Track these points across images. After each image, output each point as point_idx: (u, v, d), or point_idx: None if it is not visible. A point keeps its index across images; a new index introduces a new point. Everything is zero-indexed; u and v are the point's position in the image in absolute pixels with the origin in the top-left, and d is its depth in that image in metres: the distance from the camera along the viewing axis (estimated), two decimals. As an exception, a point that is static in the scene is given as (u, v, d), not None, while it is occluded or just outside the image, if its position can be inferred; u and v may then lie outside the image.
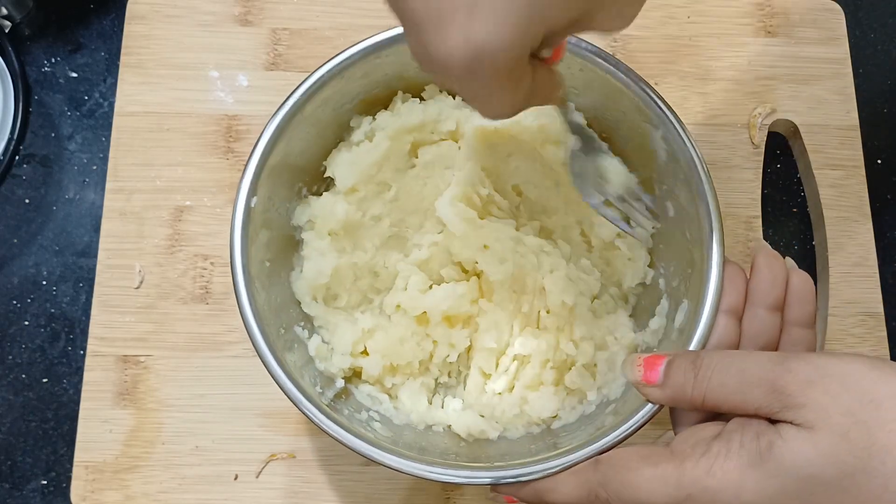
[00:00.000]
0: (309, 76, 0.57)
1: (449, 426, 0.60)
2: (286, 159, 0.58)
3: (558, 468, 0.49)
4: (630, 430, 0.51)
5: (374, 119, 0.62)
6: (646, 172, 0.61)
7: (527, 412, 0.59)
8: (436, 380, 0.63)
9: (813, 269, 0.73)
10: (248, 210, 0.55)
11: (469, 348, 0.62)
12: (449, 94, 0.63)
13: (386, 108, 0.63)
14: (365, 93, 0.61)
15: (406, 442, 0.56)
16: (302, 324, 0.61)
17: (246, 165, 0.56)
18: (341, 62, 0.57)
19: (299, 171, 0.61)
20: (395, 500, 0.65)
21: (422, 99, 0.63)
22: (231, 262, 0.54)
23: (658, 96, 0.56)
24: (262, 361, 0.53)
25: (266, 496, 0.65)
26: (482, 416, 0.60)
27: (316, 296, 0.61)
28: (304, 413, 0.52)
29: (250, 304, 0.54)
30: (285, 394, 0.53)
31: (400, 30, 0.57)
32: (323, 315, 0.61)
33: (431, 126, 0.62)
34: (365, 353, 0.60)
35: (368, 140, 0.61)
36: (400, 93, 0.63)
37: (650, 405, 0.50)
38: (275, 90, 0.72)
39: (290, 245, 0.62)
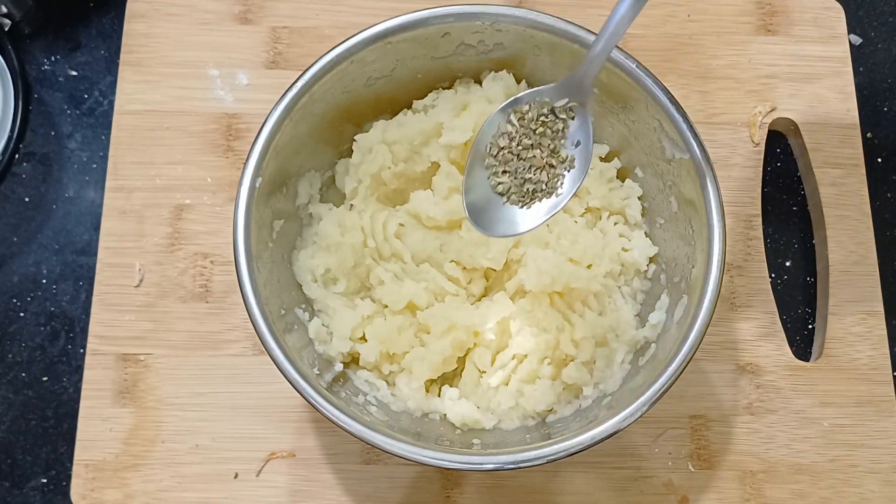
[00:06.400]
0: (316, 61, 0.57)
1: (444, 415, 0.61)
2: (292, 141, 0.58)
3: (552, 456, 0.51)
4: (623, 424, 0.51)
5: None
6: (651, 165, 0.62)
7: (522, 405, 0.60)
8: None
9: (813, 268, 0.73)
10: (252, 190, 0.55)
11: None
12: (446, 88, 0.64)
13: (392, 114, 0.64)
14: (373, 79, 0.62)
15: (402, 427, 0.57)
16: (303, 306, 0.61)
17: (252, 146, 0.56)
18: (351, 47, 0.57)
19: (305, 152, 0.62)
20: (394, 498, 0.65)
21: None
22: (234, 240, 0.54)
23: (667, 91, 0.57)
24: (261, 340, 0.53)
25: (266, 494, 0.65)
26: (478, 407, 0.60)
27: (316, 277, 0.61)
28: (299, 392, 0.52)
29: (251, 283, 0.54)
30: (281, 372, 0.53)
31: (408, 17, 0.57)
32: (323, 299, 0.61)
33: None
34: (363, 339, 0.61)
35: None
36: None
37: (645, 399, 0.51)
38: (275, 88, 0.71)
39: (293, 227, 0.62)
